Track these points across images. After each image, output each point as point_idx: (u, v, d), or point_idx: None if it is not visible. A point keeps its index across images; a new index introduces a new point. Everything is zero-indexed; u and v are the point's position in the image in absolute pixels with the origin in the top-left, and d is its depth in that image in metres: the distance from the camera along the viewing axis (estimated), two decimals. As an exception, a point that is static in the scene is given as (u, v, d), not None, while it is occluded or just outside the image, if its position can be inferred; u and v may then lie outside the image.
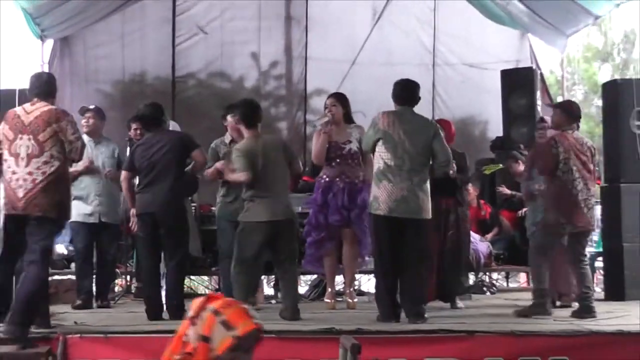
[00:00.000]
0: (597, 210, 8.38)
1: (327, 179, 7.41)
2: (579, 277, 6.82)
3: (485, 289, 9.57)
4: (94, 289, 7.82)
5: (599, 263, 9.13)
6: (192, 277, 10.10)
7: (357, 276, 8.50)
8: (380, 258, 6.59)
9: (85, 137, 6.97)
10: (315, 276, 9.16)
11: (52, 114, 5.96)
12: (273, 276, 8.48)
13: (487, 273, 9.89)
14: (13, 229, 5.99)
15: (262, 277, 8.10)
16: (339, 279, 8.11)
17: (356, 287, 8.61)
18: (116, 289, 8.95)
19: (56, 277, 8.22)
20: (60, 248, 8.75)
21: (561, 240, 6.89)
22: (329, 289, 7.65)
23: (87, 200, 7.65)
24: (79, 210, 7.42)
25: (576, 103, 7.59)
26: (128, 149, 7.53)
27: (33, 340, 5.62)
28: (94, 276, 7.87)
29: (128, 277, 9.05)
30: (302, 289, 9.13)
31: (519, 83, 10.40)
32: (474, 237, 8.60)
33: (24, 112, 5.99)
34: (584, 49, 24.57)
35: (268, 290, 8.92)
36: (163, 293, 6.96)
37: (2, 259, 6.13)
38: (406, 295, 6.49)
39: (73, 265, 8.20)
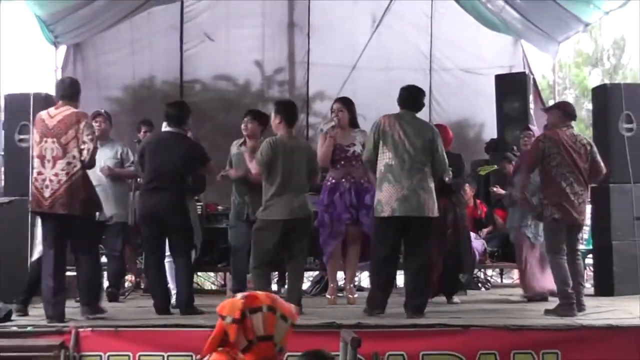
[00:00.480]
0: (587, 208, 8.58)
1: (333, 181, 7.56)
2: (572, 271, 6.82)
3: (480, 285, 9.75)
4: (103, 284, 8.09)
5: (589, 260, 9.23)
6: (199, 273, 10.23)
7: (356, 272, 8.61)
8: (377, 256, 6.71)
9: None
10: (316, 272, 9.31)
11: (73, 117, 6.26)
12: (276, 272, 8.64)
13: (482, 269, 9.99)
14: (46, 225, 6.30)
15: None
16: (340, 275, 8.24)
17: (356, 283, 8.78)
18: (126, 284, 9.11)
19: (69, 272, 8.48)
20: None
21: (562, 235, 6.88)
22: (331, 285, 7.81)
23: None
24: None
25: (571, 104, 7.72)
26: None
27: (47, 333, 5.86)
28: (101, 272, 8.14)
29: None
30: (304, 284, 9.24)
31: (512, 87, 10.62)
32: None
33: (48, 116, 6.30)
34: (575, 54, 24.60)
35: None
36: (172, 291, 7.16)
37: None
38: (408, 291, 6.63)
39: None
